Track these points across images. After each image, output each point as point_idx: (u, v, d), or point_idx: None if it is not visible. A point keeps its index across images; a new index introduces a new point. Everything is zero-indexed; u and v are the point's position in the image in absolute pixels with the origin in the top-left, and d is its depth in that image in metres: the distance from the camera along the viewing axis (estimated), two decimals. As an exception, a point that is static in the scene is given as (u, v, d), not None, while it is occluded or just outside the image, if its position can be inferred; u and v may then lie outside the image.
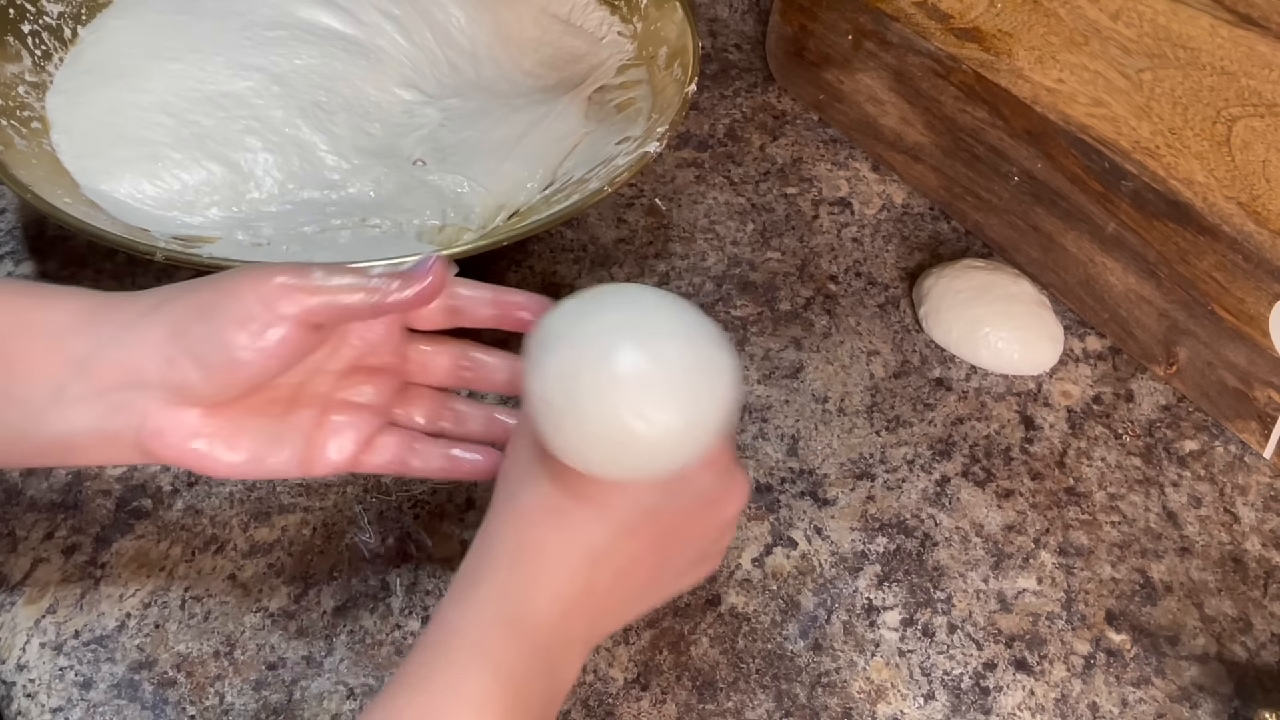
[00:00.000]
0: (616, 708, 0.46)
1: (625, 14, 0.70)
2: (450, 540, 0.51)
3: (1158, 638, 0.49)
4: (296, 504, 0.52)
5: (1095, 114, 0.57)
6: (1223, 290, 0.55)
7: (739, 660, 0.47)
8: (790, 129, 0.75)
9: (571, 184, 0.61)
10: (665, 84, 0.64)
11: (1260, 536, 0.54)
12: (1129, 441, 0.57)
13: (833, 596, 0.50)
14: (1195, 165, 0.54)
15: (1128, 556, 0.52)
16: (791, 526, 0.52)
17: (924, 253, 0.67)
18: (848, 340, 0.61)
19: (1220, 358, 0.57)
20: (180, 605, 0.48)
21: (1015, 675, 0.48)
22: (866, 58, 0.70)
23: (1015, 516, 0.54)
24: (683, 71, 0.63)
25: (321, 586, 0.49)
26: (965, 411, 0.58)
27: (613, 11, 0.71)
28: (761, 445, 0.56)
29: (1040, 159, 0.61)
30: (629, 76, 0.68)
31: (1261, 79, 0.49)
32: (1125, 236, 0.58)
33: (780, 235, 0.67)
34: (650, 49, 0.68)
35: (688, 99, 0.61)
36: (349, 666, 0.46)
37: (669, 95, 0.63)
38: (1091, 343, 0.62)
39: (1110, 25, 0.54)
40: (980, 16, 0.61)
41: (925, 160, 0.69)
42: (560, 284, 0.63)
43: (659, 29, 0.67)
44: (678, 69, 0.64)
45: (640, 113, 0.65)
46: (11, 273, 0.61)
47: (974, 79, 0.63)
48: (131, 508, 0.51)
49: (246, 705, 0.45)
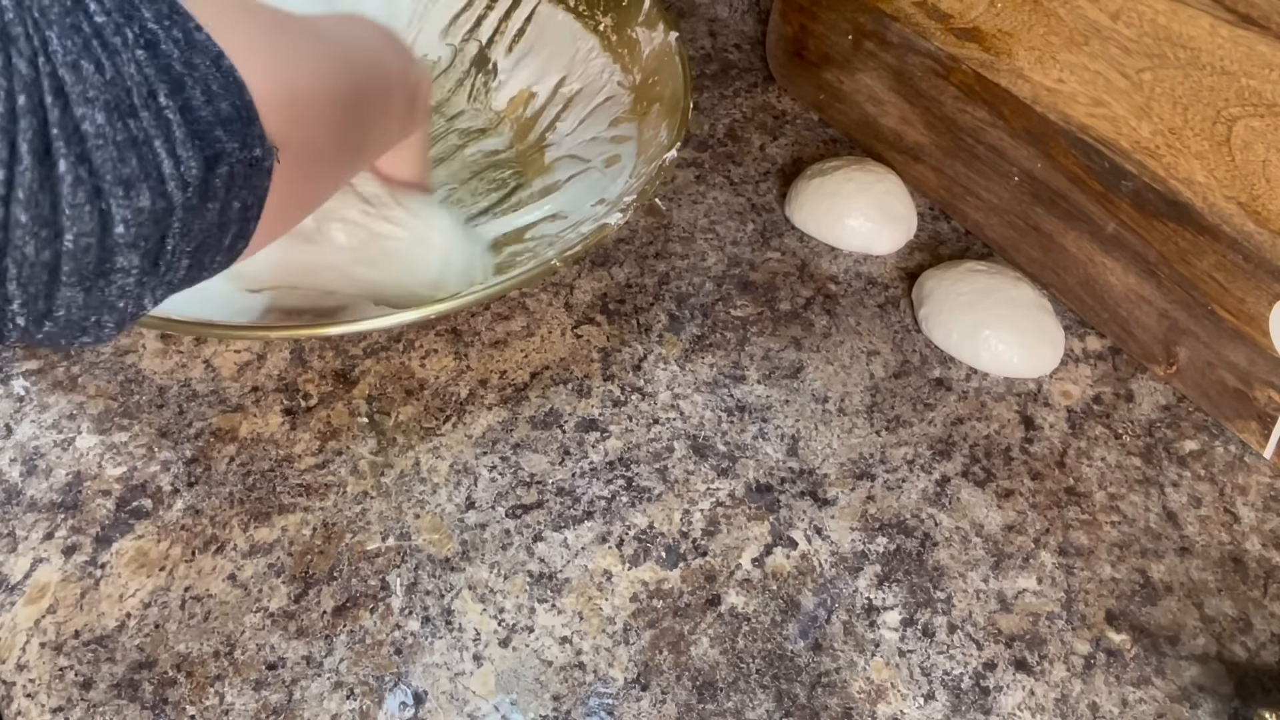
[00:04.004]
0: (616, 708, 0.46)
1: (626, 63, 0.68)
2: (450, 540, 0.51)
3: (1158, 638, 0.49)
4: (296, 504, 0.52)
5: (1095, 114, 0.57)
6: (1223, 290, 0.55)
7: (739, 660, 0.47)
8: (790, 129, 0.75)
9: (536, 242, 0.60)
10: (650, 146, 0.61)
11: (1260, 536, 0.54)
12: (1129, 441, 0.57)
13: (833, 596, 0.50)
14: (1195, 165, 0.54)
15: (1128, 556, 0.52)
16: (791, 526, 0.52)
17: (924, 253, 0.67)
18: (848, 340, 0.61)
19: (1220, 358, 0.57)
20: (180, 605, 0.48)
21: (1015, 675, 0.48)
22: (866, 58, 0.70)
23: (1015, 516, 0.54)
24: (668, 136, 0.60)
25: (321, 586, 0.49)
26: (965, 411, 0.58)
27: (614, 60, 0.68)
28: (761, 445, 0.56)
29: (1040, 159, 0.61)
30: (620, 131, 0.65)
31: (1261, 79, 0.49)
32: (1125, 236, 0.58)
33: (780, 235, 0.67)
34: (644, 104, 0.65)
35: (666, 166, 0.57)
36: (349, 666, 0.46)
37: (650, 157, 0.60)
38: (1091, 343, 0.62)
39: (1110, 25, 0.54)
40: (980, 16, 0.61)
41: (925, 160, 0.69)
42: (560, 284, 0.63)
43: (657, 85, 0.65)
44: (665, 131, 0.60)
45: (623, 171, 0.62)
46: None
47: (974, 79, 0.63)
48: (131, 508, 0.51)
49: (246, 705, 0.45)
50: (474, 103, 0.71)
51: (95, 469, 0.52)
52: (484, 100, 0.71)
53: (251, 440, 0.54)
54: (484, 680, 0.46)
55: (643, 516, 0.52)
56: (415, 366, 0.58)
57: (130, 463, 0.53)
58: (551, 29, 0.71)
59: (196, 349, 0.58)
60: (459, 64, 0.73)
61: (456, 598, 0.49)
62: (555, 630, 0.48)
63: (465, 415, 0.56)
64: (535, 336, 0.60)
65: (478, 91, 0.72)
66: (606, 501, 0.53)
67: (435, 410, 0.56)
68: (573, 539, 0.51)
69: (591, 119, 0.67)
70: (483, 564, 0.50)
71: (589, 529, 0.52)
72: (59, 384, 0.56)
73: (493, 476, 0.53)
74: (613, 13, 0.68)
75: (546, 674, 0.46)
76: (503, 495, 0.53)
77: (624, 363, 0.59)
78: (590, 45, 0.69)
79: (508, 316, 0.61)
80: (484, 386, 0.57)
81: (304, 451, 0.54)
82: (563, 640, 0.48)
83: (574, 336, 0.60)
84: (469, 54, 0.73)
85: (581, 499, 0.53)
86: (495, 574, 0.50)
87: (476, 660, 0.47)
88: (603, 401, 0.57)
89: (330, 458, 0.54)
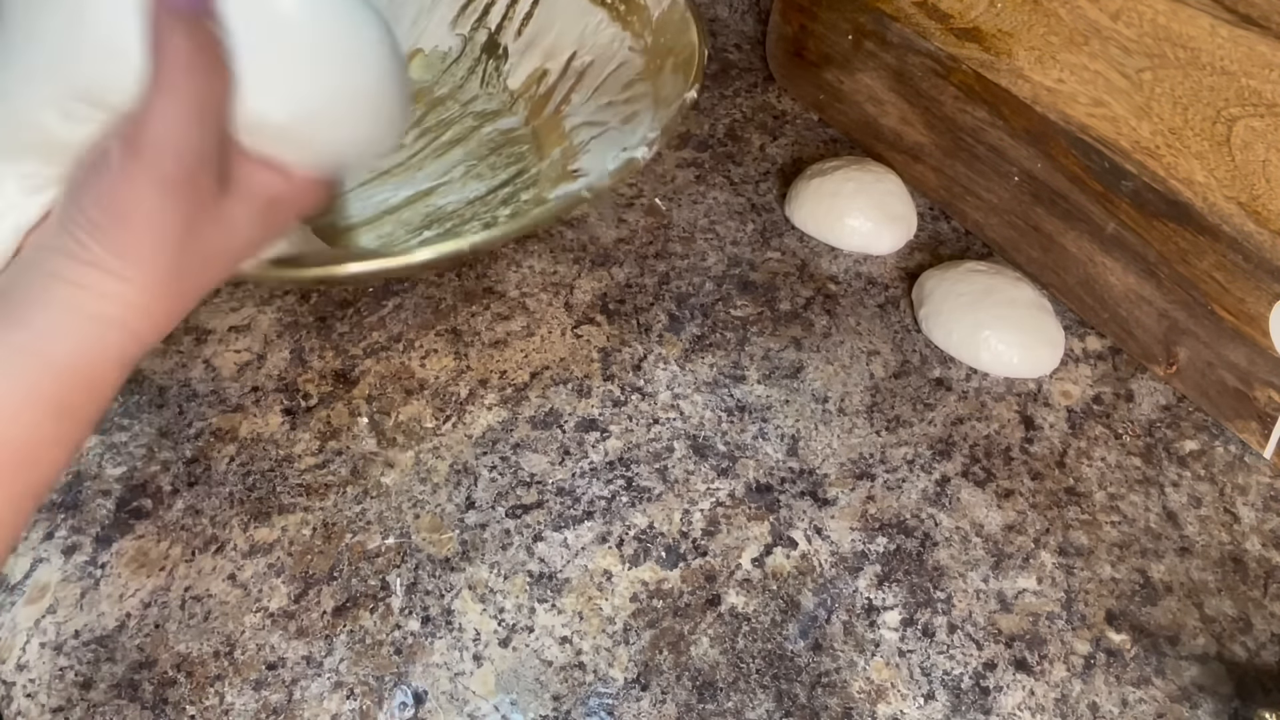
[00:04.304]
0: (616, 708, 0.46)
1: (636, 29, 0.68)
2: (450, 540, 0.51)
3: (1158, 638, 0.49)
4: (296, 504, 0.52)
5: (1095, 114, 0.57)
6: (1223, 290, 0.55)
7: (739, 660, 0.47)
8: (790, 129, 0.75)
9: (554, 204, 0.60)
10: (666, 91, 0.63)
11: (1260, 536, 0.54)
12: (1129, 441, 0.57)
13: (833, 596, 0.50)
14: (1195, 165, 0.54)
15: (1128, 556, 0.52)
16: (791, 526, 0.52)
17: (924, 253, 0.67)
18: (848, 340, 0.61)
19: (1220, 358, 0.56)
20: (180, 605, 0.48)
21: (1015, 675, 0.48)
22: (866, 58, 0.70)
23: (1015, 516, 0.54)
24: (684, 79, 0.61)
25: (321, 586, 0.49)
26: (965, 411, 0.58)
27: (624, 28, 0.68)
28: (761, 445, 0.56)
29: (1040, 159, 0.61)
30: (635, 91, 0.67)
31: (1261, 79, 0.49)
32: (1125, 236, 0.58)
33: (780, 235, 0.67)
34: (657, 62, 0.66)
35: (685, 105, 0.58)
36: (349, 666, 0.46)
37: (668, 101, 0.62)
38: (1091, 343, 0.62)
39: (1110, 25, 0.54)
40: (980, 16, 0.61)
41: (925, 160, 0.69)
42: (560, 284, 0.63)
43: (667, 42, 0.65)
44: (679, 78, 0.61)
45: (643, 122, 0.64)
46: None
47: (974, 79, 0.63)
48: (131, 508, 0.51)
49: (246, 705, 0.45)
50: (487, 87, 0.72)
51: (95, 469, 0.52)
52: (497, 84, 0.72)
53: (251, 440, 0.54)
54: (484, 680, 0.46)
55: (643, 516, 0.52)
56: (415, 366, 0.58)
57: (130, 463, 0.53)
58: (559, 7, 0.71)
59: (196, 349, 0.58)
60: (470, 52, 0.73)
61: (456, 598, 0.49)
62: (555, 630, 0.48)
63: (465, 415, 0.56)
64: (535, 336, 0.60)
65: (490, 76, 0.72)
66: (606, 501, 0.53)
67: (435, 410, 0.56)
68: (573, 539, 0.51)
69: (605, 86, 0.67)
70: (483, 564, 0.50)
71: (589, 529, 0.52)
72: (59, 384, 0.56)
73: (493, 476, 0.53)
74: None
75: (546, 674, 0.46)
76: (503, 495, 0.53)
77: (624, 363, 0.59)
78: (599, 18, 0.69)
79: (508, 316, 0.61)
80: (484, 386, 0.57)
81: (304, 451, 0.54)
82: (563, 640, 0.48)
83: (574, 336, 0.60)
84: (479, 42, 0.73)
85: (581, 499, 0.53)
86: (495, 574, 0.50)
87: (476, 660, 0.47)
88: (603, 401, 0.57)
89: (330, 458, 0.54)
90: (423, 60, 0.74)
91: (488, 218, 0.63)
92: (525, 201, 0.63)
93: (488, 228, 0.61)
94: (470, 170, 0.66)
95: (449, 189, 0.65)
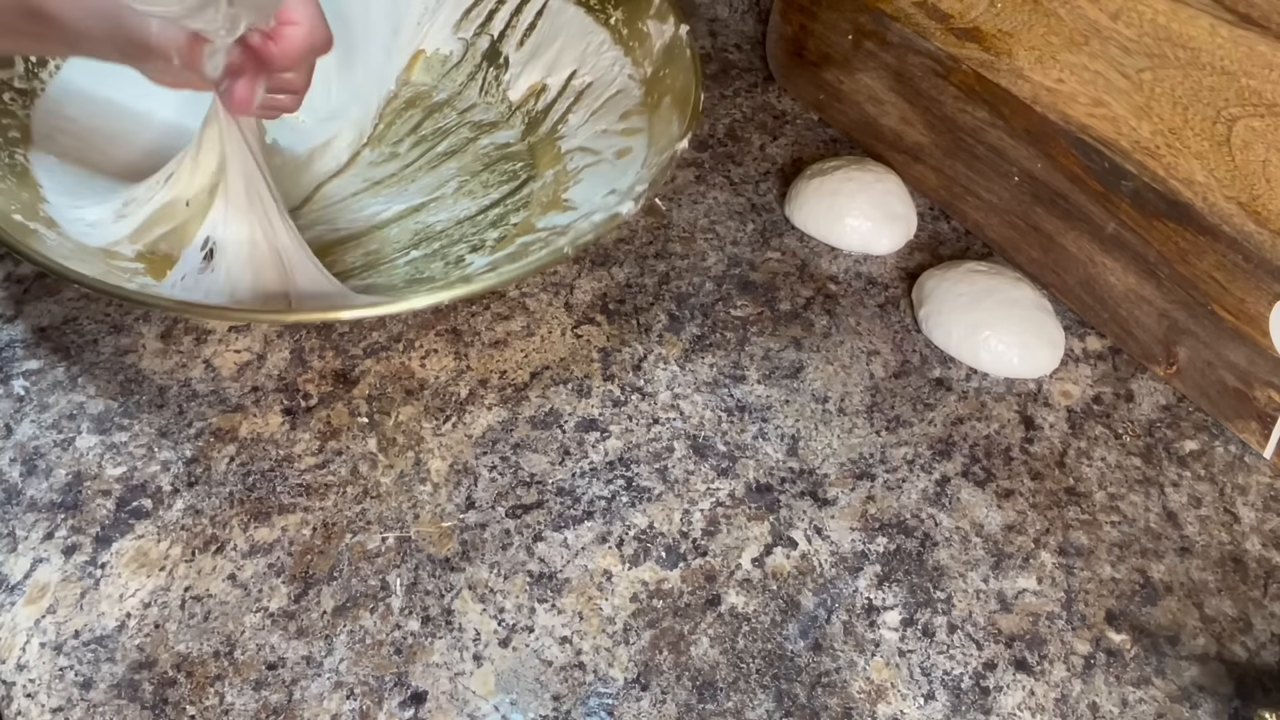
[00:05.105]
0: (616, 708, 0.46)
1: (637, 57, 0.68)
2: (450, 540, 0.51)
3: (1158, 638, 0.49)
4: (296, 504, 0.52)
5: (1095, 114, 0.57)
6: (1223, 290, 0.55)
7: (739, 660, 0.47)
8: (790, 129, 0.75)
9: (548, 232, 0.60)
10: (661, 138, 0.62)
11: (1260, 536, 0.54)
12: (1129, 441, 0.57)
13: (833, 596, 0.50)
14: (1195, 165, 0.54)
15: (1128, 556, 0.52)
16: (791, 526, 0.52)
17: (924, 253, 0.67)
18: (848, 340, 0.61)
19: (1220, 358, 0.57)
20: (180, 605, 0.48)
21: (1015, 675, 0.48)
22: (866, 58, 0.70)
23: (1015, 516, 0.54)
24: (679, 121, 0.61)
25: (321, 586, 0.49)
26: (965, 411, 0.58)
27: (625, 53, 0.69)
28: (761, 445, 0.56)
29: (1040, 159, 0.61)
30: (631, 124, 0.66)
31: (1261, 79, 0.49)
32: (1125, 236, 0.58)
33: (780, 235, 0.67)
34: (655, 97, 0.66)
35: (675, 156, 0.58)
36: (349, 666, 0.46)
37: (661, 144, 0.61)
38: (1091, 343, 0.62)
39: (1110, 25, 0.54)
40: (980, 16, 0.61)
41: (925, 160, 0.69)
42: (560, 284, 0.63)
43: (667, 78, 0.65)
44: (675, 123, 0.61)
45: (634, 162, 0.63)
46: None
47: (974, 79, 0.63)
48: (131, 508, 0.51)
49: (246, 705, 0.45)
50: (486, 96, 0.72)
51: (95, 469, 0.52)
52: (496, 94, 0.72)
53: (251, 440, 0.54)
54: (484, 680, 0.46)
55: (643, 516, 0.52)
56: (415, 366, 0.58)
57: (130, 463, 0.53)
58: (563, 23, 0.71)
59: (196, 349, 0.58)
60: (470, 58, 0.73)
61: (456, 598, 0.49)
62: (555, 630, 0.48)
63: (465, 415, 0.56)
64: (535, 336, 0.60)
65: (489, 85, 0.72)
66: (606, 501, 0.53)
67: (435, 410, 0.56)
68: (573, 539, 0.51)
69: (603, 111, 0.68)
70: (483, 564, 0.50)
71: (589, 529, 0.52)
72: (59, 384, 0.56)
73: (493, 476, 0.53)
74: (624, 6, 0.69)
75: (546, 674, 0.46)
76: (503, 495, 0.53)
77: (624, 363, 0.59)
78: (601, 39, 0.69)
79: (508, 316, 0.61)
80: (484, 386, 0.57)
81: (304, 451, 0.54)
82: (563, 640, 0.48)
83: (574, 336, 0.60)
84: (480, 48, 0.73)
85: (581, 499, 0.53)
86: (495, 574, 0.50)
87: (476, 660, 0.47)
88: (603, 401, 0.57)
89: (330, 458, 0.54)
90: (424, 62, 0.74)
91: (475, 240, 0.63)
92: (514, 225, 0.63)
93: (475, 250, 0.62)
94: (463, 186, 0.66)
95: (440, 205, 0.65)
